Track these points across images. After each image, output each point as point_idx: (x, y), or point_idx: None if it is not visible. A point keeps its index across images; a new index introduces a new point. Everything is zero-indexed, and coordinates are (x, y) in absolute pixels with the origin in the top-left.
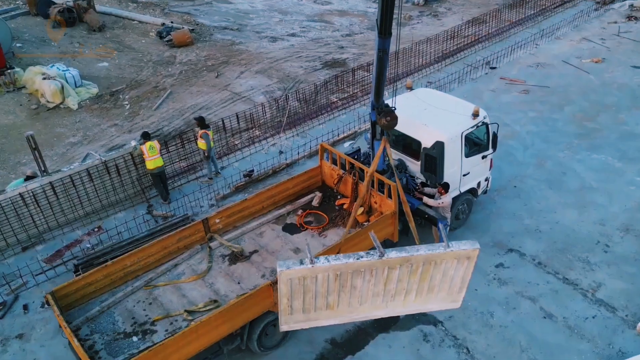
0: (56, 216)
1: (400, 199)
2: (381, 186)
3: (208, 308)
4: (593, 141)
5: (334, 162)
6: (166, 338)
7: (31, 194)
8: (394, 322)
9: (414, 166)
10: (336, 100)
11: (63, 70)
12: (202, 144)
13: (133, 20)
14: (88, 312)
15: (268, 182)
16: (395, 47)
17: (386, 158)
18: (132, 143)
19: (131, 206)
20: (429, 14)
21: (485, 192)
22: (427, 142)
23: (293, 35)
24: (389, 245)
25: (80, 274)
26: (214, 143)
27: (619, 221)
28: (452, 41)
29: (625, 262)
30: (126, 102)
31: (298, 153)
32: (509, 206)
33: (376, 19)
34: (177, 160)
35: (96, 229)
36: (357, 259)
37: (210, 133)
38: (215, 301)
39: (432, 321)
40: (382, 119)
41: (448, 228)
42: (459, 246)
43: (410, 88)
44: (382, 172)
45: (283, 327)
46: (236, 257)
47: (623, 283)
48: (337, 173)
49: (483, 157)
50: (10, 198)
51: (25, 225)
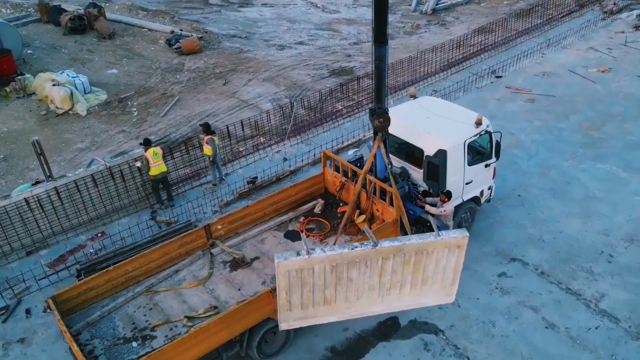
0: (60, 221)
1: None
2: (383, 194)
3: (208, 314)
4: (598, 151)
5: (337, 170)
6: (165, 344)
7: (36, 199)
8: (395, 331)
9: (417, 174)
10: (341, 108)
11: (73, 76)
12: (208, 150)
13: (143, 28)
14: (89, 317)
15: (271, 189)
16: (396, 55)
17: (389, 166)
18: (137, 164)
19: (135, 212)
20: (437, 23)
21: (488, 201)
22: (430, 150)
23: (301, 43)
24: None
25: (82, 279)
26: (219, 150)
27: (624, 231)
28: (458, 50)
29: (629, 273)
30: (134, 109)
31: (302, 160)
32: (513, 215)
33: (372, 27)
34: (182, 166)
35: (99, 234)
36: (352, 249)
37: (216, 139)
38: (215, 307)
39: (433, 330)
40: (375, 120)
41: None
42: (449, 234)
43: (413, 96)
44: (385, 180)
45: (282, 326)
46: (237, 264)
47: (627, 294)
48: (340, 180)
49: (486, 166)
50: (15, 203)
51: (29, 230)
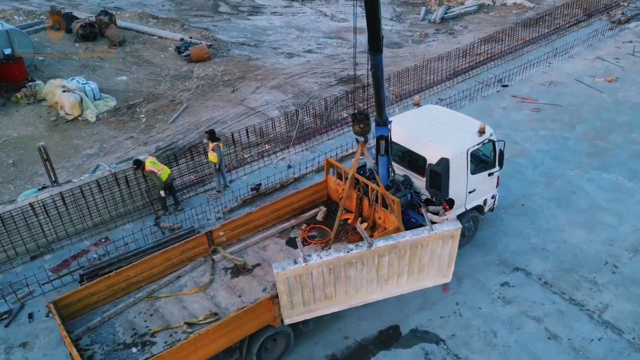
0: (65, 226)
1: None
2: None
3: (208, 321)
4: (604, 160)
5: (340, 177)
6: (165, 350)
7: (41, 204)
8: (396, 339)
9: (420, 182)
10: (347, 115)
11: (83, 83)
12: (214, 157)
13: (153, 35)
14: (89, 322)
15: (275, 196)
16: (403, 63)
17: (392, 173)
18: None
19: (139, 217)
20: (445, 32)
21: (492, 210)
22: (433, 159)
23: (309, 51)
24: None
25: (85, 284)
26: (224, 156)
27: (629, 242)
28: (464, 59)
29: (633, 284)
30: (143, 115)
31: (306, 168)
32: (516, 224)
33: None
34: (187, 172)
35: (103, 240)
36: (348, 252)
37: (221, 145)
38: (215, 314)
39: (434, 339)
40: (356, 126)
41: None
42: (442, 228)
43: (417, 104)
44: (387, 188)
45: (287, 321)
46: (238, 270)
47: (631, 305)
48: (342, 188)
49: (489, 175)
50: (20, 208)
51: (34, 234)
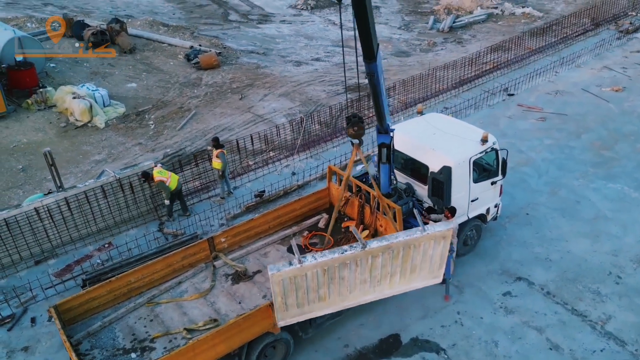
0: (70, 231)
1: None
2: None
3: (207, 327)
4: (609, 170)
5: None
6: (163, 356)
7: (46, 209)
8: (396, 348)
9: (422, 190)
10: None
11: (93, 90)
12: (218, 164)
13: (163, 43)
14: (90, 327)
15: (278, 203)
16: (411, 72)
17: (394, 181)
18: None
19: (143, 223)
20: (453, 41)
21: (495, 219)
22: (435, 167)
23: (317, 59)
24: None
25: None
26: (228, 163)
27: (633, 252)
28: (471, 67)
29: (637, 295)
30: (151, 122)
31: (310, 175)
32: (520, 234)
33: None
34: (191, 179)
35: (106, 245)
36: (342, 253)
37: (225, 152)
38: (215, 320)
39: (435, 349)
40: (350, 129)
41: (454, 254)
42: (434, 228)
43: (420, 113)
44: (388, 196)
45: (280, 323)
46: (239, 277)
47: (634, 316)
48: (344, 195)
49: (492, 183)
50: (25, 212)
51: (39, 239)
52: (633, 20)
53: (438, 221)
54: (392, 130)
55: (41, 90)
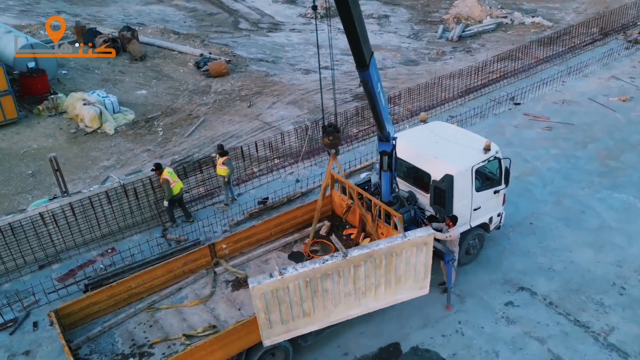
0: (74, 236)
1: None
2: (388, 217)
3: (206, 333)
4: (615, 180)
5: (344, 192)
6: None
7: (51, 214)
8: (396, 357)
9: (424, 199)
10: (356, 131)
11: (103, 96)
12: (223, 171)
13: (173, 50)
14: (90, 332)
15: (282, 210)
16: (419, 81)
17: (396, 189)
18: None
19: (147, 229)
20: (462, 50)
21: (498, 228)
22: (437, 175)
23: (326, 68)
24: None
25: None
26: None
27: (638, 263)
28: (477, 76)
29: None
30: (160, 129)
31: (314, 182)
32: (523, 243)
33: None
34: (195, 185)
35: (109, 250)
36: (323, 263)
37: (230, 159)
38: (214, 326)
39: (435, 358)
40: (325, 138)
41: (456, 262)
42: (415, 234)
43: (424, 121)
44: (390, 204)
45: (266, 342)
46: (239, 283)
47: (638, 328)
48: (346, 203)
49: (495, 192)
50: (30, 217)
51: (43, 244)
52: None
53: (440, 230)
54: (395, 138)
55: (52, 96)
